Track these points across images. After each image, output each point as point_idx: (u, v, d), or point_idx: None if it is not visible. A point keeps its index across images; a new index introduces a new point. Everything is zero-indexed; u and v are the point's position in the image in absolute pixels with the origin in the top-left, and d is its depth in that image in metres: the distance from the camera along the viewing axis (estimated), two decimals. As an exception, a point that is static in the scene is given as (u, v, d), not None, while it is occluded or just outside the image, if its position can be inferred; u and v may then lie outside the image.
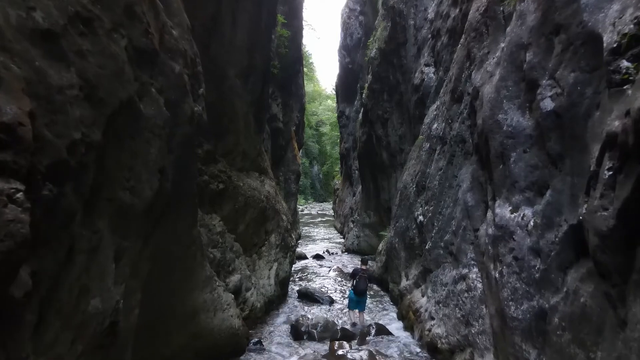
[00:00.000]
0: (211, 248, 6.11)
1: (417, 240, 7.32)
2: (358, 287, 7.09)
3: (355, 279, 7.21)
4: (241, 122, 8.09)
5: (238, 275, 6.88)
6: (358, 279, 7.15)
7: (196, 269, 5.11)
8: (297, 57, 18.10)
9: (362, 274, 7.21)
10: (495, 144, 4.04)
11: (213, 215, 6.73)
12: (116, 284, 2.85)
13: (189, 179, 4.61)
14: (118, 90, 2.71)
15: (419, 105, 8.65)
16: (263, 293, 7.80)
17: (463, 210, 5.15)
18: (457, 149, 5.58)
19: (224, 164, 7.16)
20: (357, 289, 7.10)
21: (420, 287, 6.91)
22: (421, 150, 7.49)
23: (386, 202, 12.82)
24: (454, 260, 5.40)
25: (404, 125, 10.90)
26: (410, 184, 7.87)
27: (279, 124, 15.96)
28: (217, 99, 7.11)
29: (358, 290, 7.10)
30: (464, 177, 5.29)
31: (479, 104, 4.65)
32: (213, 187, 6.67)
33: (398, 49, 10.26)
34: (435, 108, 7.07)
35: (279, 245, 9.02)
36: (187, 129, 3.85)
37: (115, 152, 2.81)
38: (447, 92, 6.14)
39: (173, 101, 3.52)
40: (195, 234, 5.04)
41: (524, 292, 3.35)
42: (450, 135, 5.82)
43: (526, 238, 3.41)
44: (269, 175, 9.53)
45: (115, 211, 2.84)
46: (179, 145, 3.76)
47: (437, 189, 6.22)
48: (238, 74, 7.94)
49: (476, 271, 4.71)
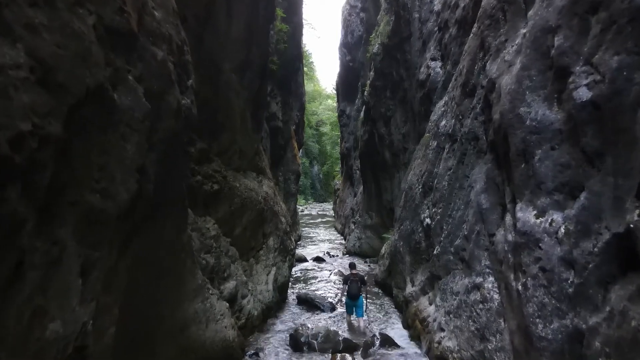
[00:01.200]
0: (204, 253, 5.70)
1: (424, 244, 6.91)
2: (351, 291, 7.32)
3: (347, 283, 7.44)
4: (237, 120, 7.69)
5: (233, 281, 6.47)
6: (350, 283, 7.36)
7: (186, 277, 4.70)
8: (296, 54, 17.71)
9: (352, 277, 7.42)
10: (516, 141, 3.62)
11: (207, 218, 6.32)
12: (83, 303, 2.44)
13: (177, 179, 4.20)
14: (84, 76, 2.30)
15: (424, 101, 8.24)
16: (260, 300, 7.39)
17: (476, 213, 4.73)
18: (469, 147, 5.16)
19: (218, 164, 6.76)
20: (350, 293, 7.33)
21: (427, 295, 6.50)
22: (428, 148, 7.08)
23: (389, 203, 12.42)
24: (465, 268, 4.99)
25: (407, 123, 10.49)
26: (415, 184, 7.46)
27: (278, 123, 15.57)
28: (211, 95, 6.72)
29: (351, 294, 7.31)
30: (477, 177, 4.87)
31: (495, 97, 4.24)
32: (207, 188, 6.26)
33: (402, 44, 9.85)
34: (443, 104, 6.66)
35: (278, 249, 8.62)
36: (173, 123, 3.44)
37: (82, 148, 2.41)
38: (457, 86, 5.73)
39: (155, 92, 3.11)
40: (186, 240, 4.63)
41: (554, 309, 2.94)
42: (461, 132, 5.41)
43: (556, 247, 3.00)
44: (267, 175, 9.12)
45: (83, 217, 2.43)
46: (163, 142, 3.35)
47: (446, 190, 5.81)
48: (234, 68, 7.53)
49: (492, 280, 4.29)
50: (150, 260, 3.91)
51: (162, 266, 4.20)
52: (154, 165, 3.23)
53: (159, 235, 3.98)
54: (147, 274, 3.89)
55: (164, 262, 4.21)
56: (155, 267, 4.03)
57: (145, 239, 3.71)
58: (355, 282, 7.34)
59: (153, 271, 4.01)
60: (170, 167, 3.87)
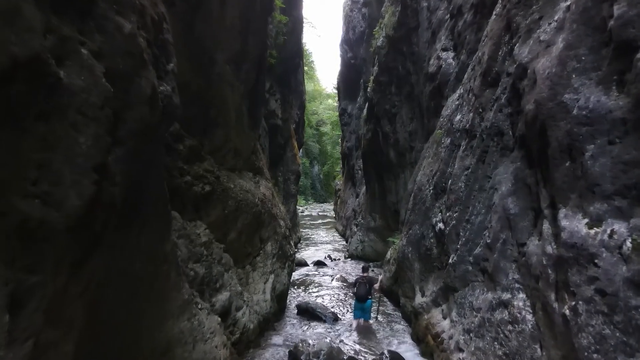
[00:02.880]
0: (193, 263, 5.10)
1: (435, 250, 6.31)
2: (358, 293, 7.35)
3: (356, 285, 7.47)
4: (232, 115, 7.09)
5: (227, 292, 5.87)
6: (358, 285, 7.42)
7: (170, 292, 4.10)
8: (296, 50, 17.14)
9: (362, 280, 7.47)
10: (559, 134, 3.03)
11: (197, 222, 5.72)
12: (13, 345, 1.84)
13: (157, 180, 3.61)
14: (8, 42, 1.71)
15: (434, 96, 7.64)
16: (257, 311, 6.79)
17: (502, 219, 4.14)
18: (491, 144, 4.57)
19: (211, 163, 6.16)
20: (358, 295, 7.35)
21: (440, 307, 5.90)
22: (440, 146, 6.48)
23: (393, 204, 11.82)
24: (488, 280, 4.39)
25: (414, 120, 9.89)
26: (426, 185, 6.86)
27: (277, 121, 14.98)
28: (203, 87, 6.12)
29: (359, 296, 7.33)
30: (502, 177, 4.28)
31: (527, 85, 3.65)
32: (197, 190, 5.66)
33: (409, 35, 9.25)
34: (458, 97, 6.07)
35: (276, 255, 8.02)
36: (147, 113, 2.84)
37: (11, 140, 1.82)
38: (476, 76, 5.14)
39: (121, 72, 2.52)
40: (169, 249, 4.03)
41: (619, 344, 2.34)
42: (481, 127, 4.81)
43: (619, 265, 2.40)
44: (265, 175, 8.52)
45: (13, 232, 1.84)
46: (135, 135, 2.75)
47: (462, 192, 5.21)
48: (229, 59, 6.94)
49: (523, 298, 3.70)
50: (123, 275, 3.31)
51: (140, 281, 3.60)
52: (122, 163, 2.63)
53: (135, 246, 3.38)
54: (119, 293, 3.29)
55: (141, 276, 3.62)
56: (130, 284, 3.43)
57: (117, 252, 3.11)
58: (363, 284, 7.35)
59: (127, 288, 3.42)
60: (147, 165, 3.27)
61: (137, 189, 3.20)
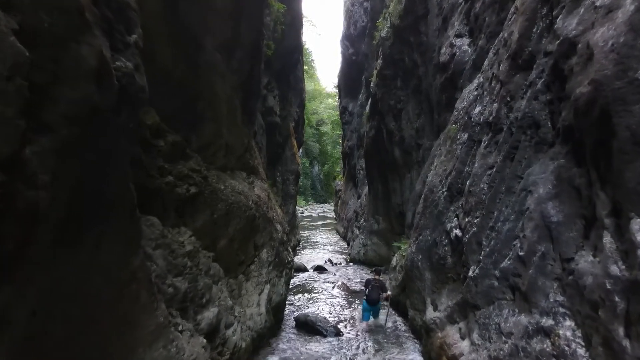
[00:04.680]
0: (173, 277, 4.39)
1: (450, 260, 5.62)
2: (370, 296, 7.36)
3: (368, 287, 7.45)
4: (223, 108, 6.39)
5: (215, 308, 5.16)
6: (370, 288, 7.41)
7: (139, 316, 3.40)
8: (295, 45, 16.45)
9: (374, 283, 7.48)
10: (632, 122, 2.34)
11: (181, 229, 5.01)
12: None
13: (118, 182, 2.91)
14: None
15: (446, 88, 6.94)
16: (250, 326, 6.09)
17: (540, 228, 3.44)
18: (522, 138, 3.87)
19: (197, 161, 5.45)
20: (370, 298, 7.36)
21: (456, 324, 5.20)
22: (454, 143, 5.78)
23: (398, 206, 11.12)
24: (520, 300, 3.69)
25: (422, 116, 9.19)
26: (438, 186, 6.16)
27: (275, 118, 14.29)
28: (189, 76, 5.44)
29: (370, 299, 7.35)
30: (538, 178, 3.58)
31: (577, 63, 2.95)
32: (181, 192, 4.96)
33: (416, 24, 8.55)
34: (476, 87, 5.37)
35: (272, 262, 7.32)
36: (92, 92, 2.15)
37: None
38: (501, 60, 4.44)
39: (46, 33, 1.83)
40: (137, 264, 3.33)
41: None
42: (509, 119, 4.11)
43: None
44: (260, 175, 7.83)
45: None
46: (72, 121, 2.06)
47: (485, 195, 4.52)
48: (219, 46, 6.23)
49: (572, 327, 3.00)
50: (74, 301, 2.63)
51: (99, 306, 2.91)
52: (52, 158, 1.94)
53: (89, 264, 2.69)
54: (71, 323, 2.61)
55: (100, 299, 2.92)
56: (85, 310, 2.74)
57: (61, 273, 2.43)
58: (376, 287, 7.39)
59: (82, 316, 2.73)
60: (102, 163, 2.58)
61: (89, 193, 2.51)
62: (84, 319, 2.77)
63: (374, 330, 7.23)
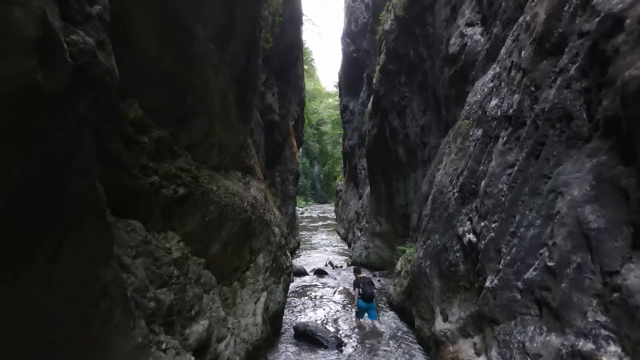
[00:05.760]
0: (157, 288, 3.93)
1: (463, 267, 5.17)
2: (366, 293, 7.24)
3: (360, 286, 7.34)
4: (216, 103, 5.93)
5: (205, 320, 4.70)
6: (364, 285, 7.30)
7: (112, 337, 2.94)
8: (295, 41, 16.00)
9: (364, 280, 7.42)
10: None
11: (168, 234, 4.55)
12: None
13: (83, 184, 2.45)
14: None
15: (456, 81, 6.48)
16: (245, 339, 5.64)
17: (575, 235, 2.98)
18: (550, 132, 3.41)
19: (187, 160, 4.99)
20: (365, 294, 7.24)
21: (470, 338, 4.75)
22: (467, 139, 5.33)
23: (402, 207, 10.66)
24: (550, 317, 3.24)
25: (427, 112, 8.73)
26: (448, 187, 5.71)
27: (274, 117, 13.83)
28: (178, 67, 4.98)
29: (366, 296, 7.23)
30: (572, 177, 3.12)
31: (624, 42, 2.49)
32: (167, 193, 4.50)
33: (422, 15, 8.10)
34: (491, 78, 4.92)
35: (270, 268, 6.87)
36: (30, 68, 1.69)
37: None
38: (523, 46, 3.99)
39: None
40: (109, 278, 2.87)
41: None
42: (534, 111, 3.66)
43: None
44: (257, 175, 7.37)
45: None
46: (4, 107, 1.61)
47: (504, 196, 4.06)
48: (211, 36, 5.78)
49: (618, 353, 2.54)
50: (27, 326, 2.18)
51: (59, 329, 2.45)
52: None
53: (40, 284, 2.23)
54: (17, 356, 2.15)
55: (62, 322, 2.47)
56: (38, 337, 2.29)
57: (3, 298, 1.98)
58: (367, 283, 7.35)
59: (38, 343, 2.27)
60: (53, 160, 2.12)
61: (39, 197, 2.06)
62: (40, 348, 2.31)
63: (375, 337, 6.78)
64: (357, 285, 7.43)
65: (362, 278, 7.54)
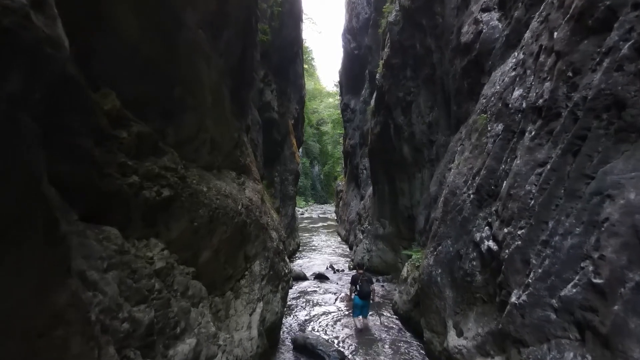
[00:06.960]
0: (133, 306, 3.41)
1: (480, 277, 4.65)
2: (363, 290, 7.13)
3: (357, 283, 7.23)
4: (208, 97, 5.41)
5: (192, 338, 4.18)
6: (360, 282, 7.19)
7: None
8: (294, 37, 15.49)
9: (362, 277, 7.27)
10: None
11: (150, 241, 4.03)
12: None
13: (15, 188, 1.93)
14: None
15: (469, 72, 5.96)
16: (239, 356, 5.11)
17: (631, 247, 2.47)
18: (594, 124, 2.90)
19: (173, 158, 4.46)
20: (362, 292, 7.13)
21: (491, 359, 4.22)
22: (483, 135, 4.81)
23: (407, 209, 10.14)
24: (595, 345, 2.72)
25: (435, 108, 8.22)
26: (463, 188, 5.19)
27: (273, 114, 13.31)
28: (163, 54, 4.45)
29: (363, 293, 7.14)
30: (626, 178, 2.61)
31: None
32: (149, 195, 3.97)
33: (430, 4, 7.58)
34: (514, 66, 4.40)
35: (266, 276, 6.35)
36: None
37: None
38: (554, 27, 3.46)
39: None
40: (64, 301, 2.35)
41: None
42: (572, 100, 3.14)
43: None
44: (253, 175, 6.85)
45: None
46: None
47: (534, 199, 3.54)
48: (202, 22, 5.26)
49: (699, 398, 2.01)
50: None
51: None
52: None
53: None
54: None
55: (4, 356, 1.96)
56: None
57: None
58: (365, 281, 7.21)
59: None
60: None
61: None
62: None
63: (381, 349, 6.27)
64: (355, 282, 7.32)
65: (360, 274, 7.39)
